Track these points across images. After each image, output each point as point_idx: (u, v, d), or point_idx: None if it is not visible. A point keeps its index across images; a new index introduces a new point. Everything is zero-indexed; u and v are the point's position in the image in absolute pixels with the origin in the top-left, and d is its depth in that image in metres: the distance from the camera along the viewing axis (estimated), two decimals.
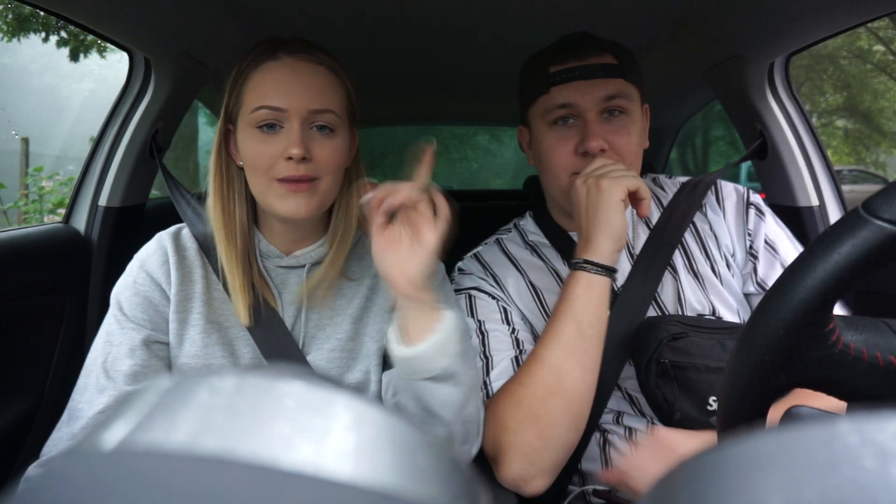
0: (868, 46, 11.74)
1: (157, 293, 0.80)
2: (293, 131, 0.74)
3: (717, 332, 0.83)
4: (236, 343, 0.81)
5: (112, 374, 0.75)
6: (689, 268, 0.92)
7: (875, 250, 0.37)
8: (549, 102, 0.87)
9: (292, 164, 0.74)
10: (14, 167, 4.74)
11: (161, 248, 0.82)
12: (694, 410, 0.79)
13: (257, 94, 0.75)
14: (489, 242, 1.03)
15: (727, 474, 0.14)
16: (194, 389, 0.14)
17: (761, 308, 0.42)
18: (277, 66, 0.75)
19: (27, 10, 5.87)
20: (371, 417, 0.14)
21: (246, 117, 0.76)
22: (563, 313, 0.79)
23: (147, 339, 0.77)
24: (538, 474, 0.76)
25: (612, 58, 0.86)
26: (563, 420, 0.76)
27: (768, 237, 0.91)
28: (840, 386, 0.42)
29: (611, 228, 0.78)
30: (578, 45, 0.87)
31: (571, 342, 0.77)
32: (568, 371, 0.76)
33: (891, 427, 0.13)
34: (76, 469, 0.12)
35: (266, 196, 0.77)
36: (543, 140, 0.90)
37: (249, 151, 0.76)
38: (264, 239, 0.84)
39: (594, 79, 0.85)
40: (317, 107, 0.75)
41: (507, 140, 12.21)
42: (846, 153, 12.88)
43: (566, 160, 0.88)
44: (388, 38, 1.41)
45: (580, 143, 0.86)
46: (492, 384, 0.83)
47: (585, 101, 0.85)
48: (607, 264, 0.79)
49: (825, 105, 12.84)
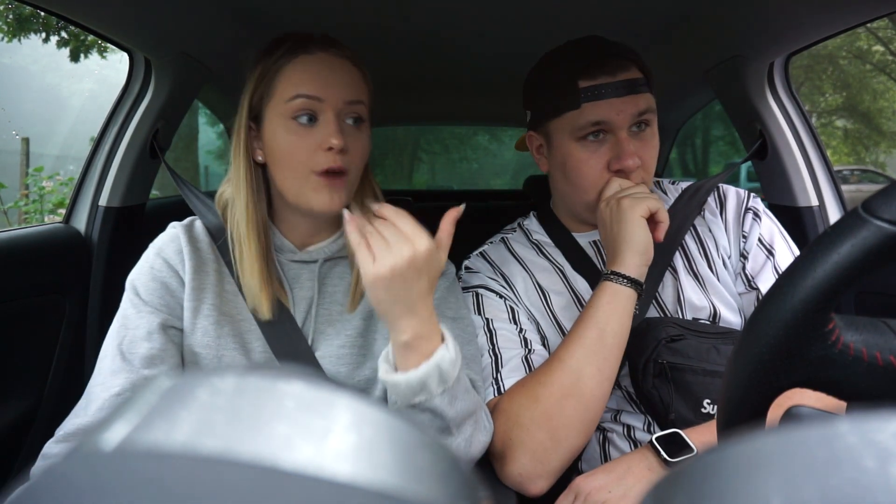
0: (868, 46, 11.75)
1: (174, 279, 0.80)
2: (330, 122, 0.75)
3: (713, 337, 0.84)
4: (248, 336, 0.81)
5: (129, 356, 0.74)
6: (688, 269, 0.93)
7: (875, 250, 0.37)
8: (580, 119, 0.86)
9: (331, 154, 0.74)
10: (14, 167, 4.74)
11: (176, 238, 0.83)
12: (688, 412, 0.81)
13: (292, 84, 0.75)
14: (495, 241, 1.04)
15: (727, 474, 0.14)
16: (194, 389, 0.14)
17: (761, 308, 0.42)
18: (311, 59, 0.76)
19: (27, 10, 5.87)
20: (371, 418, 0.14)
21: (279, 108, 0.76)
22: (588, 319, 0.80)
23: (164, 323, 0.77)
24: (543, 474, 0.77)
25: (637, 71, 0.86)
26: (576, 423, 0.77)
27: (763, 238, 0.92)
28: (840, 386, 0.42)
29: (635, 244, 0.80)
30: (607, 59, 0.85)
31: (592, 347, 0.78)
32: (587, 375, 0.77)
33: (891, 427, 0.13)
34: (76, 469, 0.12)
35: (302, 189, 0.76)
36: (572, 155, 0.89)
37: (284, 144, 0.76)
38: (279, 233, 0.84)
39: (627, 95, 0.84)
40: (351, 98, 0.76)
41: (507, 140, 12.20)
42: (846, 153, 12.89)
43: (598, 177, 0.88)
44: (388, 39, 1.41)
45: (613, 159, 0.86)
46: (503, 380, 0.84)
47: (619, 119, 0.84)
48: (634, 277, 0.80)
49: (825, 105, 12.85)
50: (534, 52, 0.97)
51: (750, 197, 0.97)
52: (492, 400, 0.83)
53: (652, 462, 0.77)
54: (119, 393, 0.73)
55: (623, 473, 0.76)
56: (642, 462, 0.77)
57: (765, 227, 0.93)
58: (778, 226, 0.95)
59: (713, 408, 0.81)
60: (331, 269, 0.86)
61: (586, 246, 0.98)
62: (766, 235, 0.92)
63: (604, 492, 0.75)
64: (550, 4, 1.19)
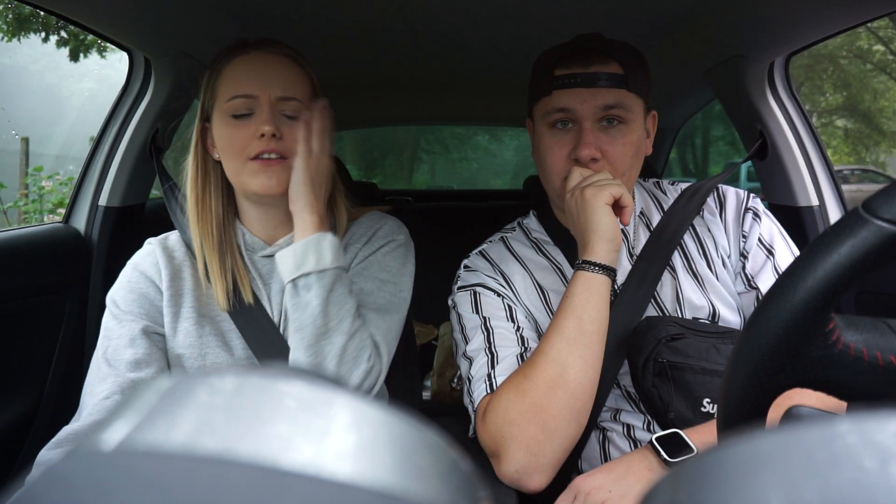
0: (868, 46, 11.75)
1: (151, 288, 0.86)
2: (264, 112, 0.81)
3: (712, 336, 0.84)
4: (229, 335, 0.86)
5: (114, 363, 0.79)
6: (687, 268, 0.93)
7: (875, 250, 0.37)
8: (549, 105, 0.88)
9: (264, 140, 0.80)
10: (14, 167, 4.74)
11: (151, 252, 0.90)
12: (688, 411, 0.81)
13: (230, 86, 0.82)
14: (494, 240, 1.04)
15: (727, 474, 0.14)
16: (194, 389, 0.14)
17: (761, 308, 0.42)
18: (247, 59, 0.83)
19: (27, 10, 5.87)
20: (371, 417, 0.14)
21: (221, 108, 0.82)
22: (565, 309, 0.81)
23: (146, 329, 0.82)
24: (539, 468, 0.77)
25: (618, 67, 0.86)
26: (565, 413, 0.77)
27: (763, 238, 0.92)
28: (840, 386, 0.42)
29: (602, 230, 0.81)
30: (586, 51, 0.87)
31: (572, 336, 0.79)
32: (570, 364, 0.78)
33: (891, 427, 0.13)
34: (76, 469, 0.12)
35: (241, 176, 0.82)
36: (542, 141, 0.92)
37: (225, 137, 0.82)
38: (248, 232, 0.89)
39: (595, 87, 0.85)
40: (284, 94, 0.82)
41: (507, 140, 12.21)
42: (846, 153, 12.89)
43: (560, 164, 0.90)
44: (388, 39, 1.41)
45: (574, 149, 0.88)
46: (496, 378, 0.84)
47: (584, 108, 0.86)
48: (605, 263, 0.82)
49: (825, 105, 12.85)
50: (533, 51, 0.97)
51: (749, 197, 0.97)
52: (484, 398, 0.84)
53: (652, 462, 0.77)
54: (107, 396, 0.76)
55: (623, 473, 0.77)
56: (642, 462, 0.77)
57: (765, 227, 0.93)
58: (778, 226, 0.95)
59: (713, 407, 0.81)
60: None
61: None
62: (765, 235, 0.92)
63: (603, 491, 0.75)
64: (550, 4, 1.19)
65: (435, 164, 13.31)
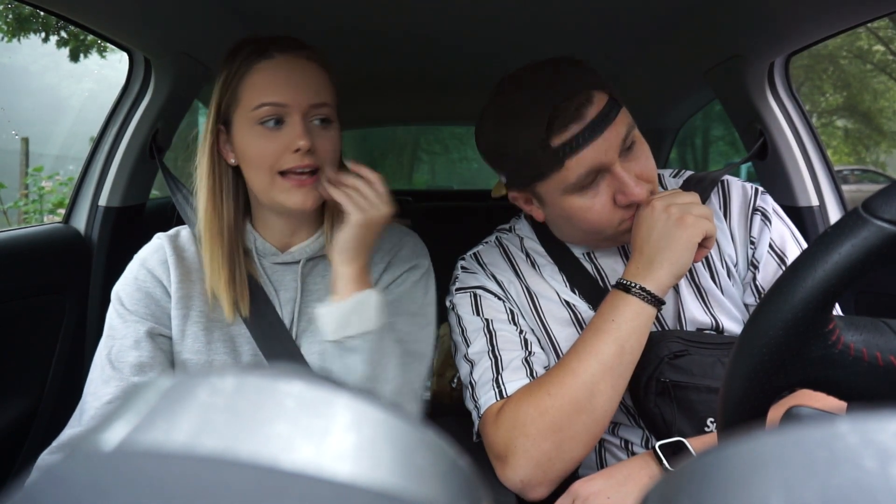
0: (868, 46, 11.74)
1: (159, 289, 0.82)
2: (296, 125, 0.77)
3: (717, 348, 0.81)
4: (238, 340, 0.83)
5: (118, 365, 0.76)
6: (690, 281, 0.88)
7: (875, 250, 0.37)
8: (569, 176, 0.77)
9: (298, 155, 0.76)
10: (14, 167, 4.73)
11: (160, 248, 0.85)
12: (691, 431, 0.78)
13: (257, 92, 0.77)
14: (489, 242, 1.00)
15: (727, 474, 0.14)
16: (194, 389, 0.14)
17: (761, 308, 0.42)
18: (273, 64, 0.78)
19: (27, 10, 5.86)
20: (371, 417, 0.14)
21: (246, 115, 0.78)
22: (608, 333, 0.75)
23: (151, 331, 0.80)
24: (545, 482, 0.76)
25: (601, 94, 0.76)
26: (584, 436, 0.75)
27: (774, 244, 0.86)
28: (840, 386, 0.42)
29: (678, 266, 0.75)
30: (566, 103, 0.75)
31: (610, 363, 0.75)
32: (601, 391, 0.74)
33: (891, 427, 0.13)
34: (76, 469, 0.12)
35: (270, 191, 0.79)
36: (573, 206, 0.80)
37: (253, 148, 0.78)
38: (260, 237, 0.86)
39: (605, 131, 0.75)
40: (316, 101, 0.78)
41: None
42: (846, 153, 12.88)
43: (610, 216, 0.80)
44: (388, 39, 1.41)
45: (617, 194, 0.78)
46: (505, 383, 0.81)
47: (608, 157, 0.75)
48: (660, 296, 0.76)
49: (825, 105, 12.84)
50: (533, 51, 0.97)
51: (757, 194, 0.89)
52: (494, 404, 0.81)
53: (654, 471, 0.75)
54: (110, 401, 0.74)
55: (623, 480, 0.75)
56: (643, 470, 0.75)
57: (775, 232, 0.86)
58: (789, 226, 0.89)
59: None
60: (313, 269, 0.88)
61: (581, 257, 0.93)
62: (777, 240, 0.86)
63: (602, 497, 0.74)
64: (550, 4, 1.19)
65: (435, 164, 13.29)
